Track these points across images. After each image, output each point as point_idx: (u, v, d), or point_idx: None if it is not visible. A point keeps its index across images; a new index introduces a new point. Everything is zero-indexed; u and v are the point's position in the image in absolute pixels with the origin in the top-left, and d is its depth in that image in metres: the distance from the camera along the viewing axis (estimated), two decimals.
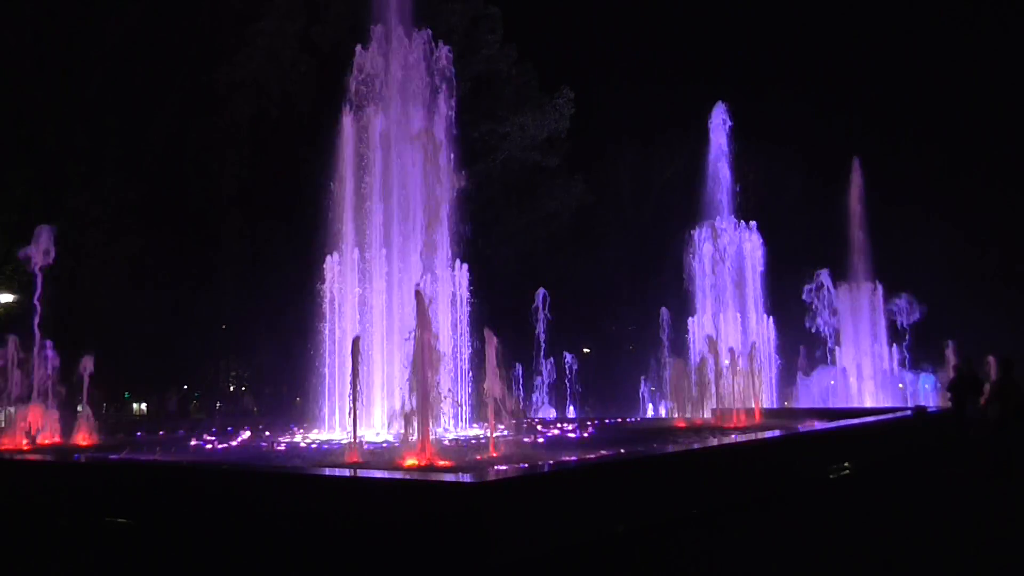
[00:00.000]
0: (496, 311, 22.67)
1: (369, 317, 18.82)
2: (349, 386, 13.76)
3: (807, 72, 65.35)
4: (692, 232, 28.90)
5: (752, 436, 15.57)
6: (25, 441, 16.48)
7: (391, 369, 17.97)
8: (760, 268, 29.69)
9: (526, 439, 16.03)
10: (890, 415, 22.73)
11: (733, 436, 15.63)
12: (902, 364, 34.69)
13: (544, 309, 30.69)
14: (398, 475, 9.41)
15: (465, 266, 20.02)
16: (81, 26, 31.42)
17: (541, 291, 31.18)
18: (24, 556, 9.04)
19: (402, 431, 11.29)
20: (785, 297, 32.08)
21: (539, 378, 30.61)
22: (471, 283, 20.16)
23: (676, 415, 22.91)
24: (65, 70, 31.52)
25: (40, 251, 17.85)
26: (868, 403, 30.95)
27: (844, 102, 61.41)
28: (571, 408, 32.47)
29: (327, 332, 18.67)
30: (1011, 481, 13.90)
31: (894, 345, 35.01)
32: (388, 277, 19.01)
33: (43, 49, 31.42)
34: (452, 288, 19.72)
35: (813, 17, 71.15)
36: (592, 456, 11.45)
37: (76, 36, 31.42)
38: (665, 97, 50.28)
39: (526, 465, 9.93)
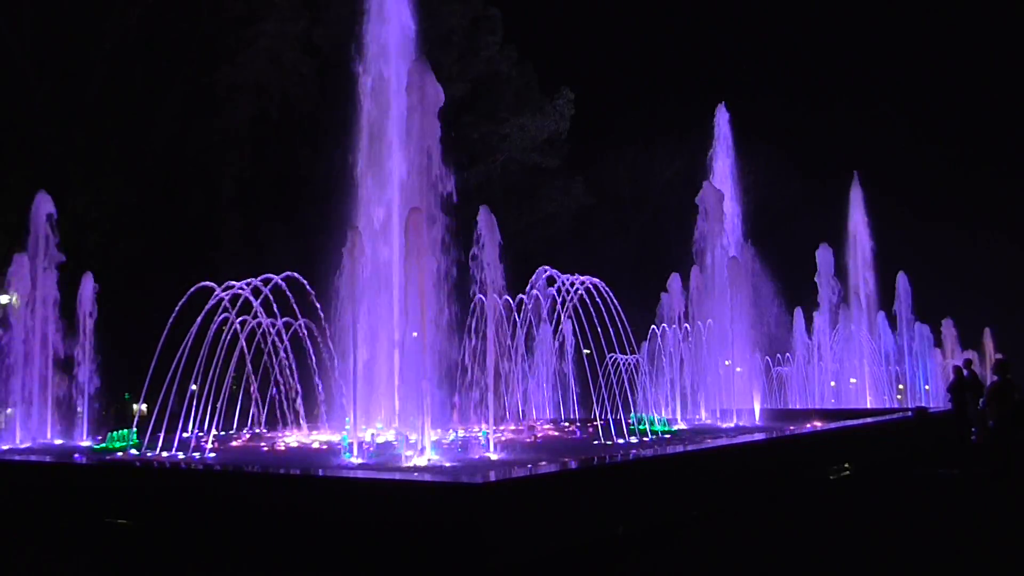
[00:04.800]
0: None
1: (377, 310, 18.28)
2: (350, 385, 13.76)
3: (806, 74, 65.41)
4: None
5: (752, 437, 15.58)
6: None
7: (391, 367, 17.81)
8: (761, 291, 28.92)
9: (526, 439, 16.04)
10: (890, 416, 22.74)
11: (733, 437, 15.63)
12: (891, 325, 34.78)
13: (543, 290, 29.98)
14: (398, 476, 9.41)
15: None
16: (81, 26, 31.45)
17: (540, 270, 30.29)
18: (25, 556, 9.05)
19: (403, 431, 11.29)
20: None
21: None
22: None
23: (677, 416, 22.92)
24: (65, 70, 31.54)
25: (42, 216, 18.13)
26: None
27: (843, 104, 61.49)
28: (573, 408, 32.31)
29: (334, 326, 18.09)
30: (1010, 482, 13.91)
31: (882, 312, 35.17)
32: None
33: (43, 49, 31.45)
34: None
35: (813, 18, 71.22)
36: (592, 457, 11.45)
37: (76, 36, 31.45)
38: (665, 98, 50.43)
39: (526, 466, 9.93)
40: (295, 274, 16.78)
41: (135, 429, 15.52)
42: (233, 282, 16.19)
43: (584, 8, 62.58)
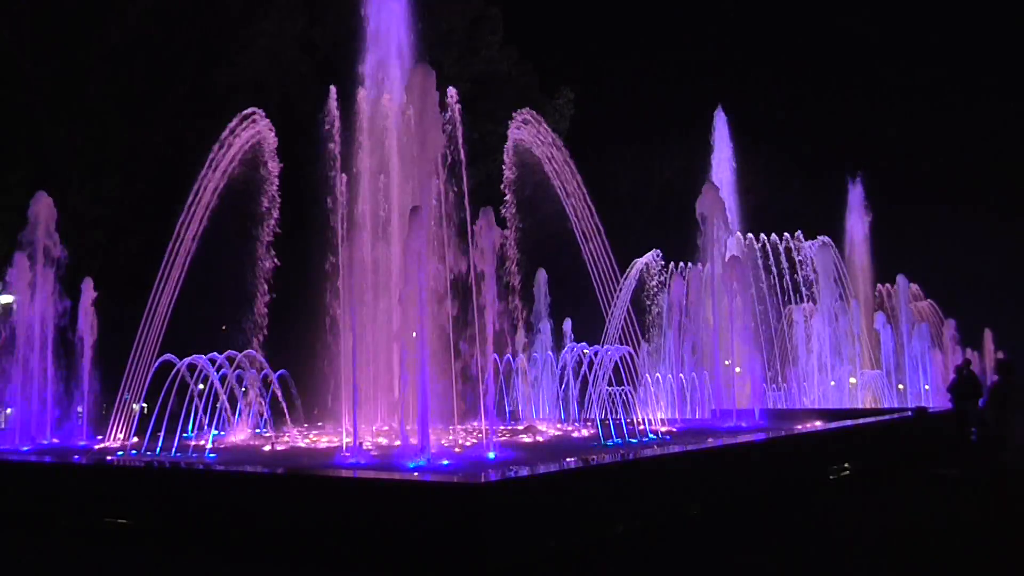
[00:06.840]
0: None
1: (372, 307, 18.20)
2: (350, 385, 13.72)
3: (807, 72, 65.43)
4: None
5: (752, 437, 15.57)
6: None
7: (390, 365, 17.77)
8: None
9: (526, 439, 16.05)
10: (890, 415, 22.73)
11: (733, 437, 15.62)
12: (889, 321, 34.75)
13: (545, 291, 29.82)
14: (397, 476, 9.40)
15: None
16: (81, 26, 31.43)
17: (540, 272, 30.21)
18: (24, 556, 9.05)
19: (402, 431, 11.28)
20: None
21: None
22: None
23: (676, 415, 22.93)
24: (65, 70, 31.52)
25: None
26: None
27: (844, 103, 61.49)
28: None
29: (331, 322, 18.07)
30: (1010, 482, 13.91)
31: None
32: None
33: (43, 49, 31.43)
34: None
35: (813, 15, 71.23)
36: (592, 457, 11.44)
37: (76, 36, 31.42)
38: (665, 98, 50.47)
39: (525, 466, 9.92)
40: (252, 351, 17.42)
41: None
42: (197, 357, 16.26)
43: (584, 8, 62.69)
